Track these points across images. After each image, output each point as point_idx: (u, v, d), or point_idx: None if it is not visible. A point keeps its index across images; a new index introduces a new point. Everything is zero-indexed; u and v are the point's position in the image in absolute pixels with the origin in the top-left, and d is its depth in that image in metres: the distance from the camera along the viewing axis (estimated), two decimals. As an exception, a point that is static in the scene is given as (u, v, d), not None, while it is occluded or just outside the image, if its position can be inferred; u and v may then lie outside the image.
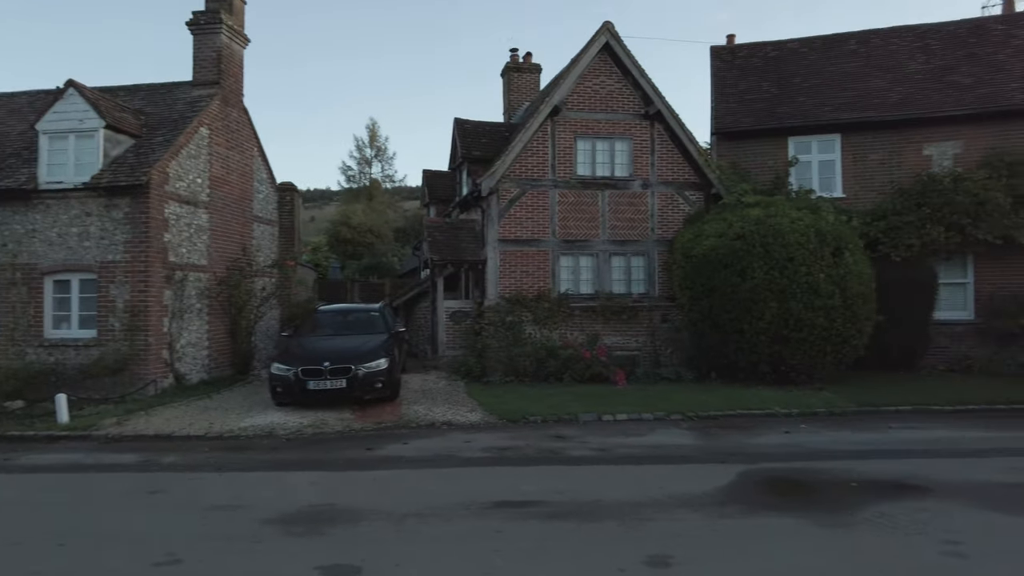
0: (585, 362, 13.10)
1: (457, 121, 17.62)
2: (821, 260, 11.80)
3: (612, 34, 14.52)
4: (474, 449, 8.14)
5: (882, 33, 17.55)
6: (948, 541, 4.90)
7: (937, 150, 14.84)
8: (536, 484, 6.51)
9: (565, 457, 7.73)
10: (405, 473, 7.14)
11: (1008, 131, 14.54)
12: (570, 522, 5.38)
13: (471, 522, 5.43)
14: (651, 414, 10.13)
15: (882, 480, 6.62)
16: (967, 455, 7.72)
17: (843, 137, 15.34)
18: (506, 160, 14.21)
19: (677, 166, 14.96)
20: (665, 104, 14.70)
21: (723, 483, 6.55)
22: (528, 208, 14.45)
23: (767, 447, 8.21)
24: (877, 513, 5.58)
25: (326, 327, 12.61)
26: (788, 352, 11.91)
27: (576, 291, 14.56)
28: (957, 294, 14.72)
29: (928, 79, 15.75)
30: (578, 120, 14.70)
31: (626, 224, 14.80)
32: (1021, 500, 5.97)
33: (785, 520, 5.46)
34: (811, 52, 17.54)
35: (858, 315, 11.92)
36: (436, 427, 9.44)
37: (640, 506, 5.77)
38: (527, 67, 19.18)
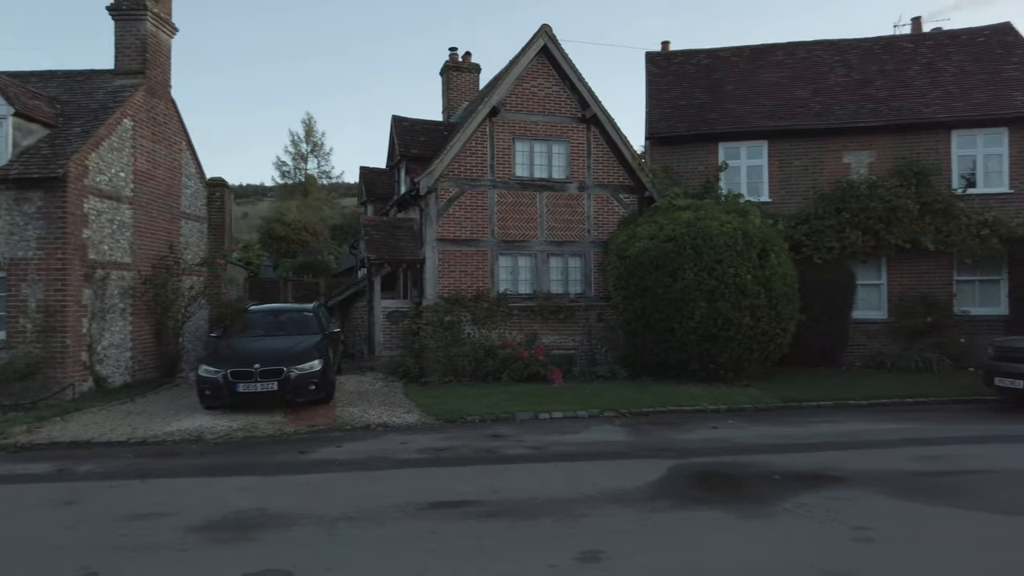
0: (523, 361, 13.21)
1: (395, 119, 17.45)
2: (748, 262, 12.29)
3: (550, 37, 14.69)
4: (410, 450, 8.09)
5: (806, 46, 18.42)
6: (858, 528, 5.20)
7: (855, 158, 15.69)
8: (472, 484, 6.53)
9: (501, 456, 7.79)
10: (338, 476, 7.03)
11: (916, 142, 15.54)
12: (505, 520, 5.44)
13: (405, 524, 5.41)
14: (586, 412, 10.32)
15: (802, 472, 6.96)
16: (879, 446, 8.21)
17: (770, 144, 16.03)
18: (445, 159, 14.17)
19: (612, 169, 15.26)
20: (601, 108, 14.97)
21: (654, 478, 6.75)
22: (467, 208, 14.46)
23: (696, 442, 8.50)
24: (796, 503, 5.86)
25: (257, 328, 12.26)
26: (717, 350, 12.35)
27: (515, 291, 14.66)
28: (872, 295, 15.61)
29: (847, 91, 16.63)
30: (516, 121, 14.80)
31: (563, 225, 15.00)
32: (924, 487, 6.39)
33: (712, 513, 5.67)
34: (741, 61, 18.23)
35: (782, 314, 12.47)
36: (371, 429, 9.33)
37: (574, 503, 5.89)
38: (466, 67, 19.18)
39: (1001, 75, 16.26)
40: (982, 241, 14.58)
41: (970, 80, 16.28)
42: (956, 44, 17.56)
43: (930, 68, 16.88)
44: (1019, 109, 15.21)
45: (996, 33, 17.61)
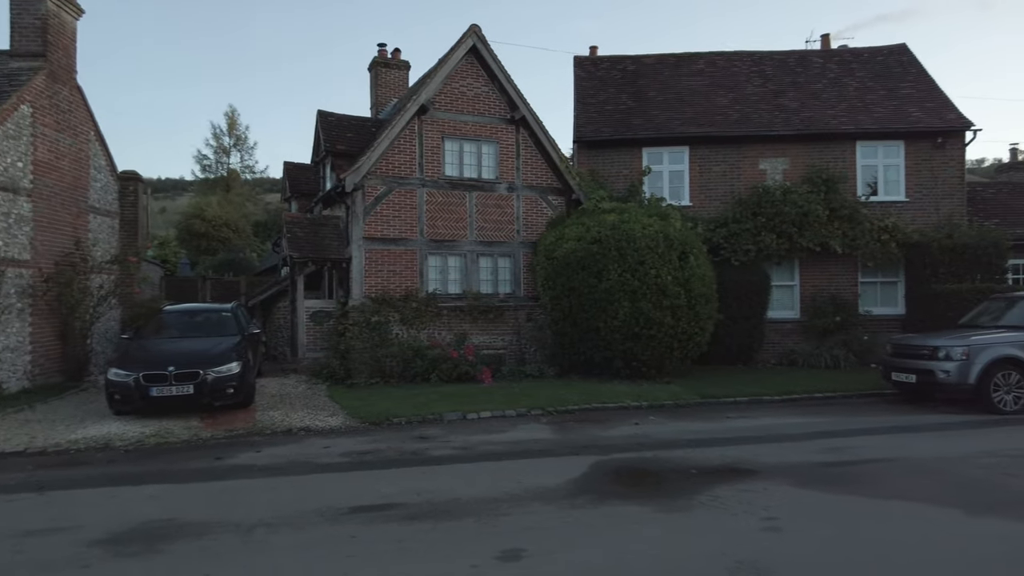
0: (452, 362, 13.18)
1: (320, 113, 17.04)
2: (669, 263, 12.70)
3: (479, 37, 14.71)
4: (333, 454, 7.93)
5: (726, 56, 19.18)
6: (768, 518, 5.46)
7: (770, 165, 16.47)
8: (395, 486, 6.47)
9: (427, 457, 7.75)
10: (257, 482, 6.81)
11: (825, 151, 16.48)
12: (427, 522, 5.41)
13: (325, 529, 5.30)
14: (514, 411, 10.40)
15: (717, 466, 7.26)
16: (789, 439, 8.65)
17: (691, 149, 16.62)
18: (372, 156, 13.95)
19: (541, 171, 15.44)
20: (530, 110, 15.11)
21: (576, 475, 6.88)
22: (395, 206, 14.29)
23: (618, 438, 8.71)
24: (711, 496, 6.10)
25: (172, 328, 11.73)
26: (639, 348, 12.70)
27: (444, 291, 14.60)
28: (786, 295, 16.44)
29: (763, 101, 17.44)
30: (446, 120, 14.74)
31: (493, 225, 15.05)
32: (829, 477, 6.79)
33: (631, 508, 5.83)
34: (665, 68, 18.80)
35: (701, 314, 12.95)
36: (293, 433, 9.09)
37: (497, 502, 5.92)
38: (395, 63, 18.93)
39: (899, 92, 17.46)
40: (883, 245, 15.62)
41: (872, 95, 17.40)
42: (859, 61, 18.72)
43: (837, 82, 17.93)
44: (914, 124, 16.38)
45: (893, 53, 18.89)
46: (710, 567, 4.48)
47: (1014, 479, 6.63)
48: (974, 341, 10.72)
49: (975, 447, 8.06)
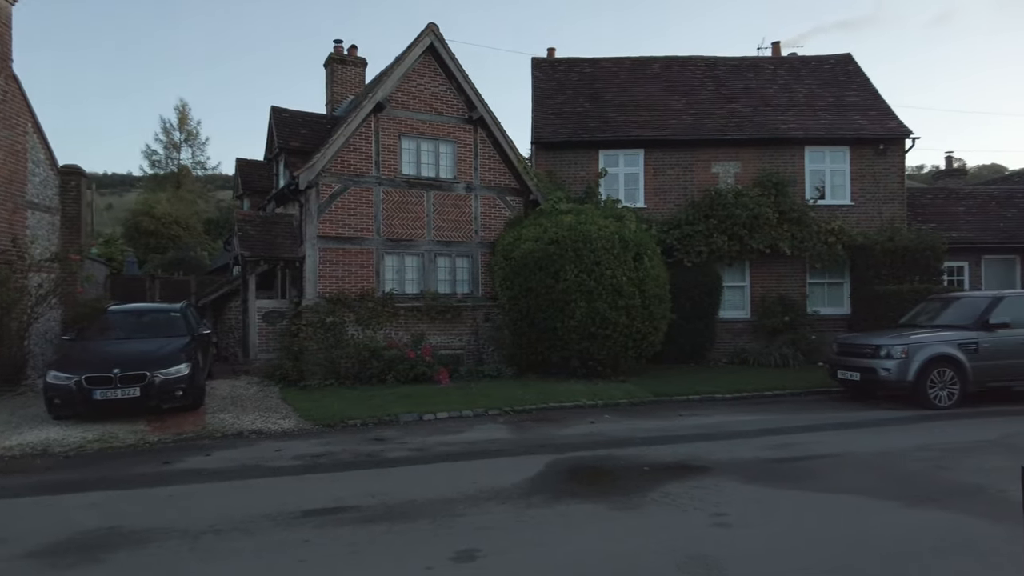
0: (409, 362, 13.08)
1: (274, 109, 16.70)
2: (624, 264, 12.88)
3: (437, 36, 14.64)
4: (285, 457, 7.79)
5: (680, 60, 19.53)
6: (718, 513, 5.59)
7: (722, 169, 16.86)
8: (350, 489, 6.39)
9: (382, 459, 7.68)
10: (206, 487, 6.64)
11: (776, 156, 16.94)
12: (381, 525, 5.37)
13: (276, 534, 5.20)
14: (471, 411, 10.40)
15: (669, 463, 7.39)
16: (739, 436, 8.86)
17: (646, 152, 16.88)
18: (327, 154, 13.74)
19: (499, 172, 15.46)
20: (488, 110, 15.12)
21: (532, 474, 6.92)
22: (351, 205, 14.11)
23: (574, 437, 8.80)
24: (663, 493, 6.22)
25: (117, 329, 11.33)
26: (595, 348, 12.84)
27: (401, 291, 14.49)
28: (737, 296, 16.85)
29: (716, 105, 17.83)
30: (403, 119, 14.62)
31: (451, 225, 15.00)
32: (777, 473, 6.99)
33: (585, 505, 5.90)
34: (621, 72, 19.04)
35: (655, 314, 13.17)
36: (244, 436, 8.89)
37: (452, 502, 5.91)
38: (352, 60, 18.69)
39: (844, 100, 18.08)
40: (829, 248, 16.15)
41: (819, 102, 17.97)
42: (808, 69, 19.32)
43: (787, 89, 18.46)
44: (858, 131, 16.99)
45: (840, 62, 19.56)
46: (661, 563, 4.56)
47: (946, 472, 6.94)
48: (912, 340, 11.18)
49: (912, 442, 8.41)
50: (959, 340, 11.10)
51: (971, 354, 11.00)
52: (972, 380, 10.96)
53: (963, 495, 6.10)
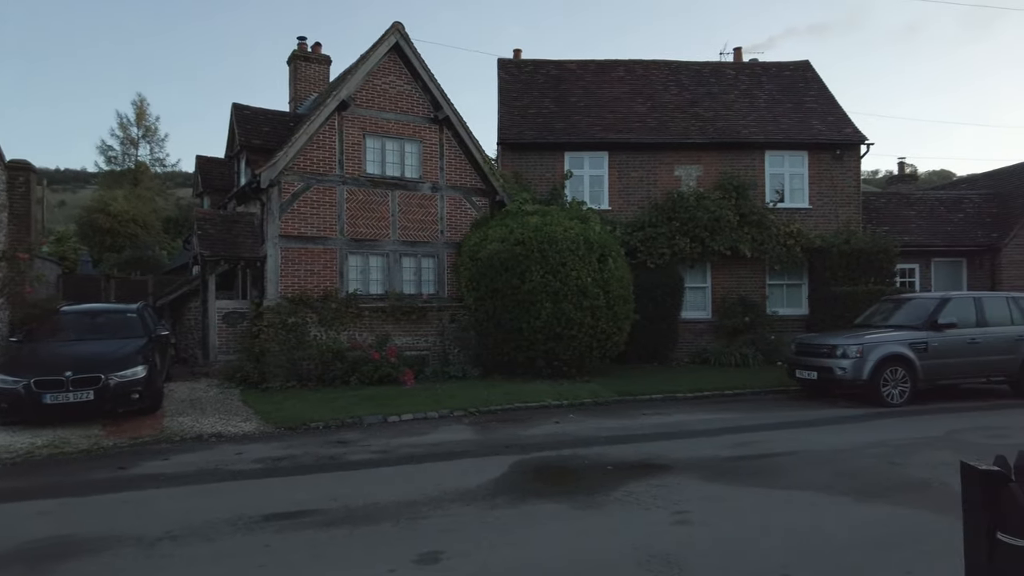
0: (374, 364, 12.98)
1: (236, 106, 16.40)
2: (589, 265, 13.00)
3: (402, 35, 14.56)
4: (245, 461, 7.66)
5: (644, 64, 19.78)
6: (679, 512, 5.69)
7: (685, 172, 17.13)
8: (312, 493, 6.32)
9: (345, 462, 7.61)
10: (163, 492, 6.49)
11: (737, 160, 17.29)
12: (344, 528, 5.32)
13: (236, 539, 5.12)
14: (436, 412, 10.37)
15: (632, 462, 7.49)
16: (700, 435, 9.02)
17: (610, 155, 17.06)
18: (289, 152, 13.54)
19: (465, 172, 15.43)
20: (453, 110, 15.08)
21: (496, 475, 6.93)
22: (313, 204, 13.92)
23: (539, 437, 8.85)
24: (626, 492, 6.30)
25: (70, 330, 10.98)
26: (561, 348, 12.93)
27: (365, 291, 14.35)
28: (699, 296, 17.14)
29: (679, 109, 18.11)
30: (367, 117, 14.50)
31: (416, 225, 14.92)
32: (737, 471, 7.13)
33: (548, 505, 5.94)
34: (587, 74, 19.20)
35: (619, 315, 13.32)
36: (204, 440, 8.71)
37: (416, 505, 5.89)
38: (316, 57, 18.45)
39: (803, 106, 18.54)
40: (788, 250, 16.55)
41: (779, 108, 18.40)
42: (768, 75, 19.75)
43: (748, 94, 18.85)
44: (816, 136, 17.45)
45: (799, 69, 20.05)
46: (623, 561, 4.62)
47: (897, 467, 7.18)
48: (867, 340, 11.53)
49: (866, 439, 8.67)
50: (910, 340, 11.49)
51: (921, 353, 11.40)
52: (922, 378, 11.36)
53: (911, 490, 6.32)
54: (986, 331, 11.91)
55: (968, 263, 19.26)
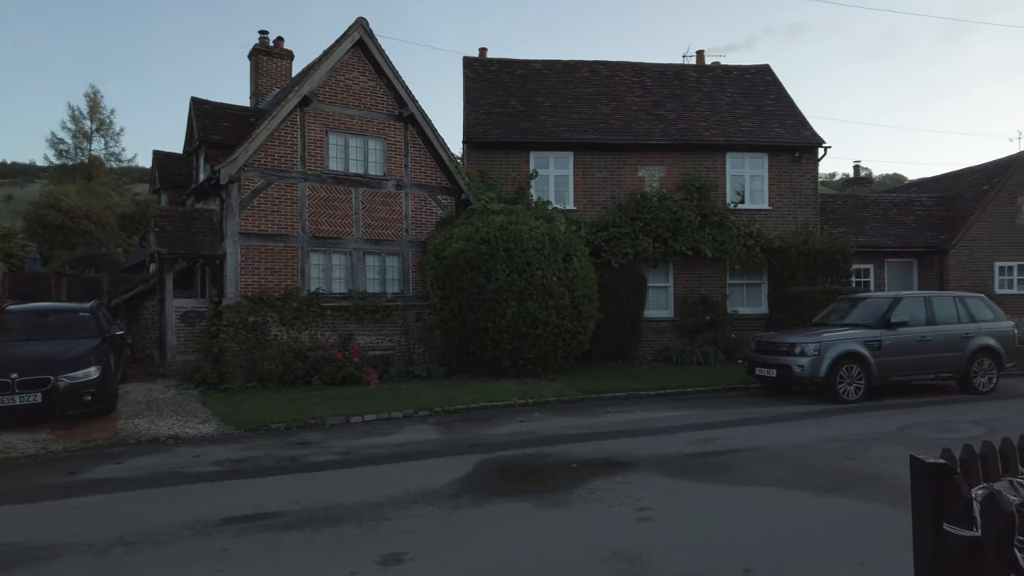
0: (336, 363, 12.81)
1: (194, 100, 16.01)
2: (554, 265, 13.05)
3: (366, 31, 14.40)
4: (204, 463, 7.48)
5: (609, 65, 19.94)
6: (642, 508, 5.75)
7: (648, 173, 17.33)
8: (272, 495, 6.20)
9: (306, 464, 7.49)
10: (117, 497, 6.29)
11: (699, 161, 17.56)
12: (305, 530, 5.23)
13: (193, 543, 4.99)
14: (400, 412, 10.28)
15: (596, 459, 7.54)
16: (663, 432, 9.13)
17: (575, 155, 17.15)
18: (250, 148, 13.28)
19: (430, 170, 15.34)
20: (418, 108, 14.99)
21: (461, 474, 6.91)
22: (274, 201, 13.68)
23: (504, 436, 8.84)
24: (589, 490, 6.33)
25: (16, 331, 10.55)
26: (526, 347, 12.96)
27: (328, 290, 14.16)
28: (661, 296, 17.35)
29: (642, 111, 18.30)
30: (331, 113, 14.30)
31: (381, 223, 14.78)
32: (698, 467, 7.24)
33: (513, 505, 5.94)
34: (552, 74, 19.27)
35: (584, 314, 13.41)
36: (160, 442, 8.48)
37: (379, 506, 5.83)
38: (278, 52, 18.12)
39: (763, 109, 18.92)
40: (748, 250, 16.87)
41: (740, 110, 18.74)
42: (730, 78, 20.11)
43: (710, 97, 19.15)
44: (776, 139, 17.83)
45: (759, 73, 20.46)
46: (587, 559, 4.64)
47: (852, 462, 7.38)
48: (824, 338, 11.82)
49: (822, 434, 8.90)
50: (865, 338, 11.83)
51: (875, 351, 11.74)
52: (876, 375, 11.70)
53: (865, 483, 6.50)
54: (935, 329, 12.33)
55: (919, 263, 19.93)
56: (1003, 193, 19.70)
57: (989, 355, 12.47)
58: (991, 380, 12.43)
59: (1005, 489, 2.15)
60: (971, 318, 12.75)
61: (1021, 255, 19.61)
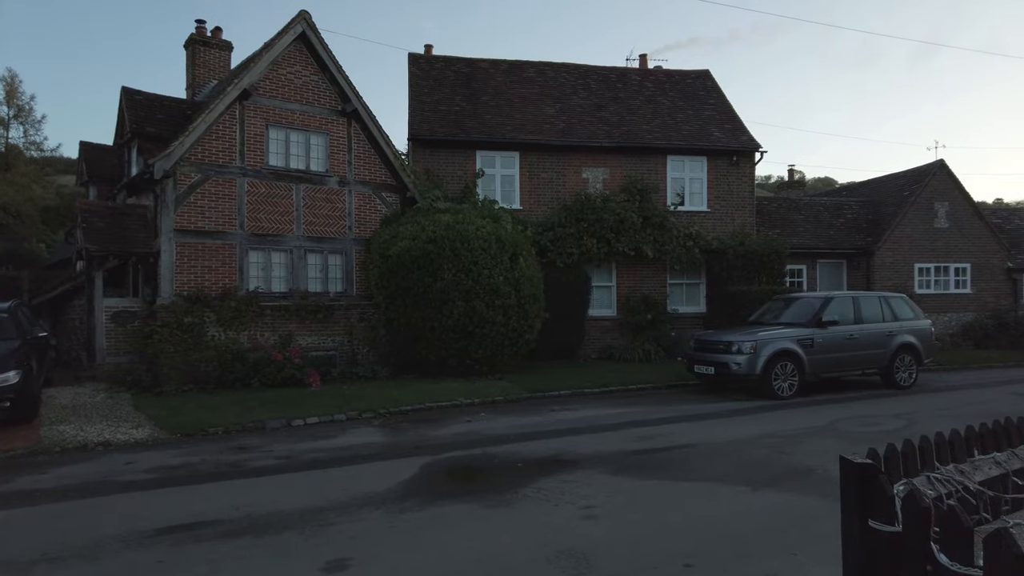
0: (277, 365, 12.50)
1: (126, 91, 15.33)
2: (500, 264, 13.09)
3: (309, 24, 14.09)
4: (137, 471, 7.19)
5: (554, 66, 20.11)
6: (586, 506, 5.84)
7: (592, 174, 17.58)
8: (210, 502, 6.02)
9: (247, 469, 7.29)
10: (40, 509, 5.98)
11: (641, 164, 17.92)
12: (245, 538, 5.10)
13: (125, 556, 4.79)
14: (344, 415, 10.12)
15: (541, 458, 7.62)
16: (607, 429, 9.30)
17: (521, 155, 17.24)
18: (186, 141, 12.81)
19: (374, 167, 15.14)
20: (362, 103, 14.76)
21: (406, 477, 6.86)
22: (212, 196, 13.24)
23: (450, 437, 8.83)
24: (535, 489, 6.39)
25: (-73, 333, 9.89)
26: (473, 347, 12.96)
27: (268, 289, 13.80)
28: (605, 295, 17.64)
29: (587, 113, 18.54)
30: (271, 108, 13.94)
31: (323, 221, 14.50)
32: (641, 464, 7.41)
33: (459, 506, 5.94)
34: (498, 73, 19.29)
35: (530, 313, 13.51)
36: (89, 449, 8.11)
37: (322, 511, 5.73)
38: (216, 43, 17.52)
39: (703, 114, 19.45)
40: (687, 251, 17.33)
41: (681, 114, 19.21)
42: (671, 82, 20.58)
43: (652, 100, 19.56)
44: (715, 143, 18.36)
45: (699, 78, 21.02)
46: (533, 559, 4.69)
47: (786, 456, 7.69)
48: (759, 336, 12.26)
49: (759, 430, 9.23)
50: (798, 336, 12.33)
51: (808, 348, 12.25)
52: (809, 372, 12.21)
53: (798, 477, 6.79)
54: (862, 328, 12.96)
55: (848, 264, 20.90)
56: (922, 199, 20.88)
57: (910, 352, 13.20)
58: (911, 375, 13.16)
59: (923, 484, 2.30)
60: (894, 317, 13.46)
61: (938, 258, 20.86)
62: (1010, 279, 21.62)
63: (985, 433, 2.88)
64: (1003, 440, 2.92)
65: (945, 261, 20.94)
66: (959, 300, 20.94)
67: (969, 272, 21.15)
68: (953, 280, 21.09)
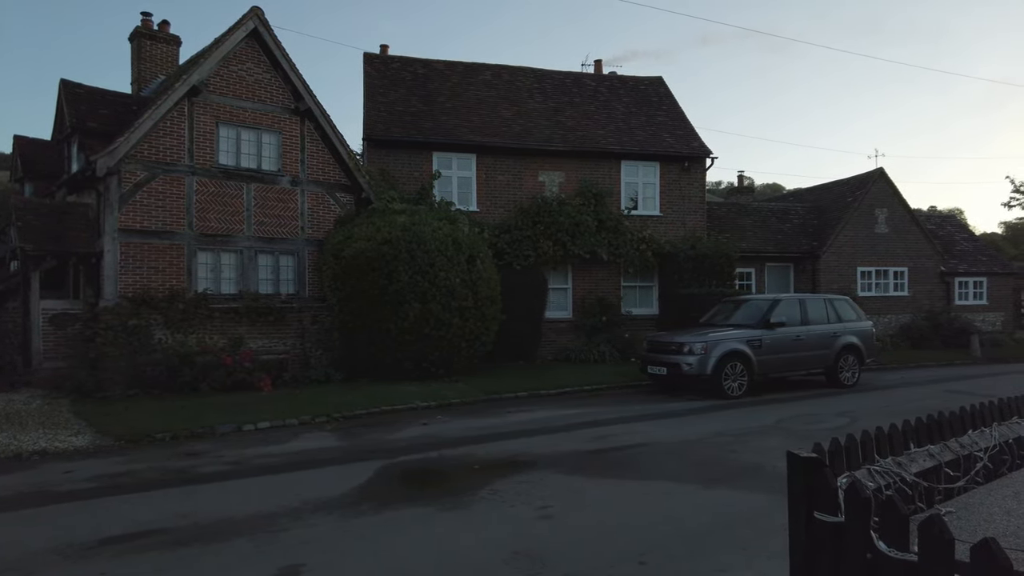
0: (226, 369, 12.19)
1: (65, 84, 14.73)
2: (458, 266, 13.07)
3: (261, 21, 13.82)
4: (77, 479, 6.90)
5: (511, 70, 20.20)
6: (542, 507, 5.87)
7: (548, 178, 17.72)
8: (156, 511, 5.82)
9: (194, 476, 7.08)
10: (-29, 521, 5.68)
11: (596, 168, 18.16)
12: (194, 547, 4.95)
13: (64, 569, 4.59)
14: (296, 419, 9.93)
15: (498, 460, 7.63)
16: (563, 430, 9.37)
17: (478, 157, 17.26)
18: (132, 138, 12.39)
19: (328, 167, 14.92)
20: (316, 102, 14.54)
21: (361, 481, 6.78)
22: (159, 195, 12.84)
23: (406, 440, 8.76)
24: (491, 491, 6.40)
25: None
26: (429, 349, 12.89)
27: (217, 291, 13.45)
28: (561, 297, 17.79)
29: (543, 116, 18.69)
30: (221, 105, 13.60)
31: (275, 221, 14.21)
32: (596, 464, 7.50)
33: (415, 510, 5.90)
34: (454, 75, 19.27)
35: (487, 315, 13.52)
36: (24, 458, 7.75)
37: (274, 517, 5.61)
38: (163, 36, 16.96)
39: (655, 120, 19.83)
40: (641, 254, 17.64)
41: (634, 120, 19.54)
42: (626, 88, 20.92)
43: (607, 106, 19.84)
44: (667, 149, 18.74)
45: (652, 85, 21.42)
46: (489, 560, 4.70)
47: (736, 454, 7.90)
48: (710, 338, 12.54)
49: (710, 429, 9.45)
50: (747, 337, 12.66)
51: (756, 349, 12.60)
52: (757, 372, 12.56)
53: (747, 475, 6.98)
54: (808, 329, 13.40)
55: (795, 268, 21.59)
56: (863, 205, 21.75)
57: (853, 352, 13.72)
58: (854, 375, 13.67)
59: (864, 476, 2.40)
60: (838, 318, 13.96)
61: (878, 261, 21.75)
62: (943, 282, 22.72)
63: (920, 428, 3.03)
64: (936, 434, 3.08)
65: (885, 265, 21.85)
66: (897, 302, 21.88)
67: (907, 275, 22.13)
68: (892, 283, 22.04)
